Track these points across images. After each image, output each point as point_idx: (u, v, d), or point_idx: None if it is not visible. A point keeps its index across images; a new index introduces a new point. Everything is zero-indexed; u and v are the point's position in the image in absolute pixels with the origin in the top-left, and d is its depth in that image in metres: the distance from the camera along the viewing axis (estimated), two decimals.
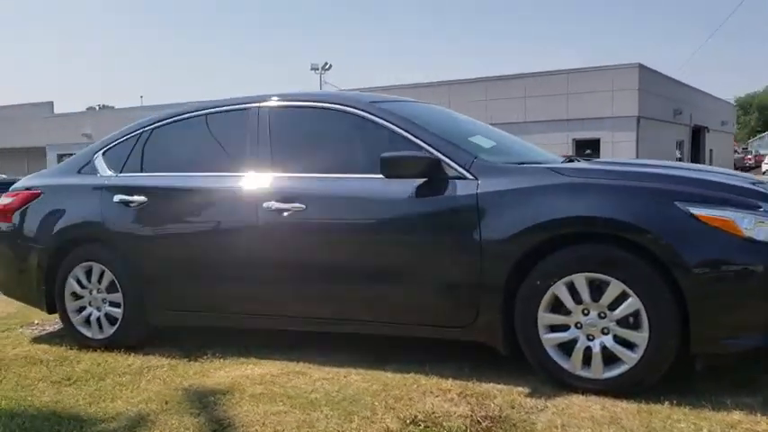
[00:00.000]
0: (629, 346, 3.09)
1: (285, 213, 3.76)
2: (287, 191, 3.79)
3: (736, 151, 51.44)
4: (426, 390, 3.33)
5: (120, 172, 4.41)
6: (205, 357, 4.06)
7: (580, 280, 3.15)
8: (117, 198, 4.27)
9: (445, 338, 3.61)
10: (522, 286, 3.27)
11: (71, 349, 4.41)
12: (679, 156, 29.36)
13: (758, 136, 68.79)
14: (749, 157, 52.33)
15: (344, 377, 3.59)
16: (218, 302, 4.07)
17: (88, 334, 4.43)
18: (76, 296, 4.46)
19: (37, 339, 4.81)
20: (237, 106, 4.23)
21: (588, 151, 23.64)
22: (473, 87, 27.28)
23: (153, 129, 4.44)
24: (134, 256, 4.20)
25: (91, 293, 4.41)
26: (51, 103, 41.37)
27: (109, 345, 4.33)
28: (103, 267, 4.32)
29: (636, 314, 3.07)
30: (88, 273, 4.40)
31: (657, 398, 3.06)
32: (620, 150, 23.65)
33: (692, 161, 29.14)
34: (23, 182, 4.91)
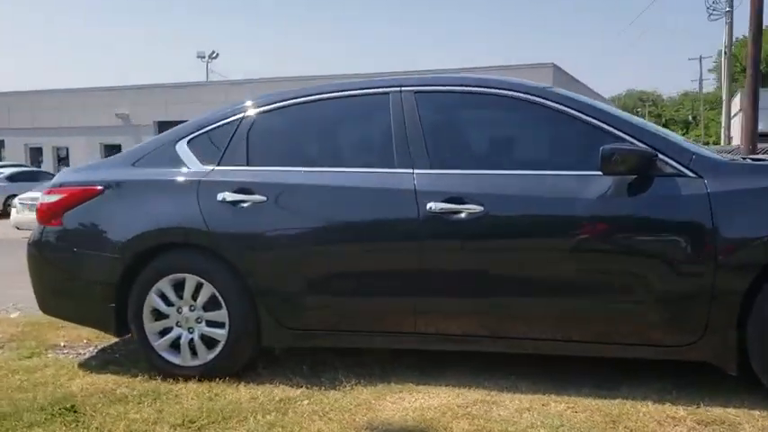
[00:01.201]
0: None
1: (456, 216, 3.21)
2: (458, 190, 3.24)
3: None
4: (657, 418, 2.93)
5: (218, 165, 3.66)
6: (339, 384, 3.45)
7: None
8: (222, 196, 3.53)
9: (656, 358, 3.22)
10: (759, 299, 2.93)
11: (152, 379, 3.62)
12: None
13: None
14: None
15: (543, 405, 3.11)
16: (360, 320, 3.46)
17: (175, 360, 3.66)
18: (159, 315, 3.67)
19: (86, 367, 3.95)
20: (373, 90, 3.60)
21: None
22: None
23: (257, 115, 3.71)
24: (247, 266, 3.48)
25: (180, 312, 3.64)
26: None
27: (204, 373, 3.59)
28: (201, 280, 3.56)
29: None
30: (177, 286, 3.63)
31: None
32: None
33: None
34: (69, 176, 4.02)
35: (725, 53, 32.42)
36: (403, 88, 3.50)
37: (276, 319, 3.49)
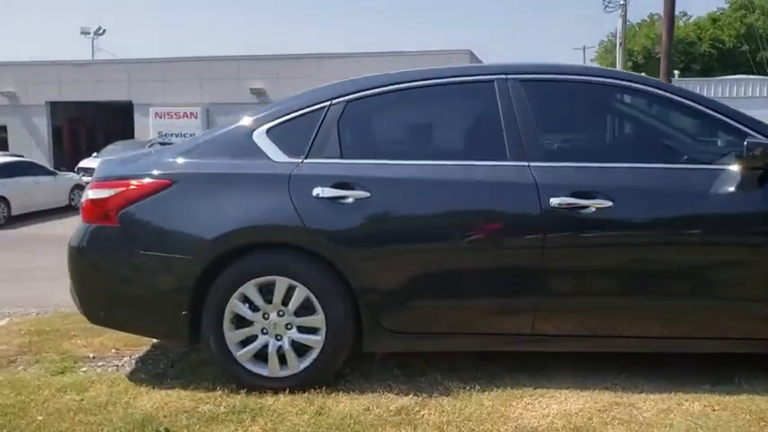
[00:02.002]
0: None
1: (582, 211, 3.09)
2: (584, 184, 3.11)
3: None
4: None
5: (307, 157, 3.33)
6: (446, 389, 3.25)
7: None
8: (319, 191, 3.21)
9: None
10: None
11: (233, 394, 3.27)
12: None
13: None
14: None
15: (679, 405, 3.04)
16: (474, 322, 3.26)
17: (262, 372, 3.32)
18: (241, 322, 3.32)
19: (142, 381, 3.53)
20: (476, 77, 3.39)
21: None
22: (302, 64, 26.42)
23: (347, 103, 3.40)
24: (350, 267, 3.19)
25: (266, 318, 3.30)
26: None
27: (296, 385, 3.29)
28: (294, 282, 3.24)
29: None
30: (264, 290, 3.29)
31: None
32: None
33: None
34: (122, 167, 3.53)
35: (619, 44, 33.88)
36: (509, 76, 3.32)
37: (380, 322, 3.24)
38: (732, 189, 3.05)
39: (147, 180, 3.35)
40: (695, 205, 3.09)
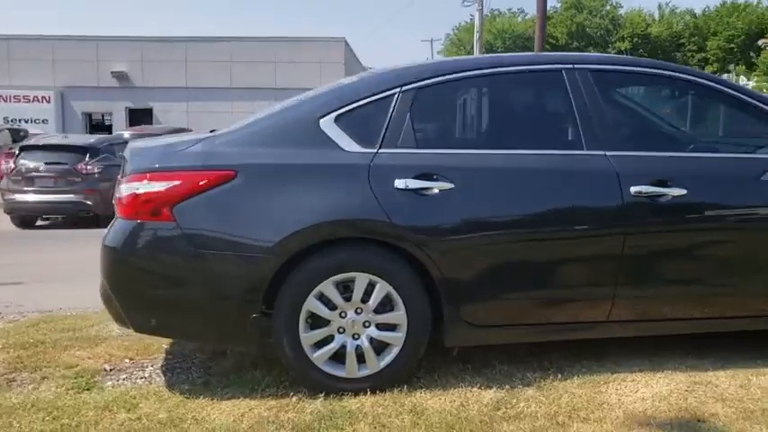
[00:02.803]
0: None
1: (659, 200, 3.19)
2: (660, 172, 3.21)
3: None
4: None
5: (381, 147, 3.16)
6: (526, 380, 3.26)
7: None
8: (402, 183, 3.07)
9: None
10: None
11: (309, 399, 3.07)
12: None
13: None
14: None
15: (749, 380, 3.23)
16: (555, 312, 3.27)
17: (339, 373, 3.13)
18: (317, 323, 3.12)
19: (192, 393, 3.21)
20: (545, 66, 3.38)
21: None
22: (170, 48, 25.13)
23: (417, 90, 3.25)
24: (434, 260, 3.07)
25: (343, 316, 3.12)
26: None
27: (376, 384, 3.14)
28: (374, 278, 3.07)
29: None
30: (343, 288, 3.10)
31: None
32: None
33: None
34: (173, 158, 3.14)
35: (477, 38, 35.23)
36: (576, 66, 3.35)
37: (462, 316, 3.16)
38: None
39: (206, 172, 3.04)
40: (759, 192, 3.28)
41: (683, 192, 3.18)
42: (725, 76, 38.10)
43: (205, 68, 24.71)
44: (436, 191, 3.08)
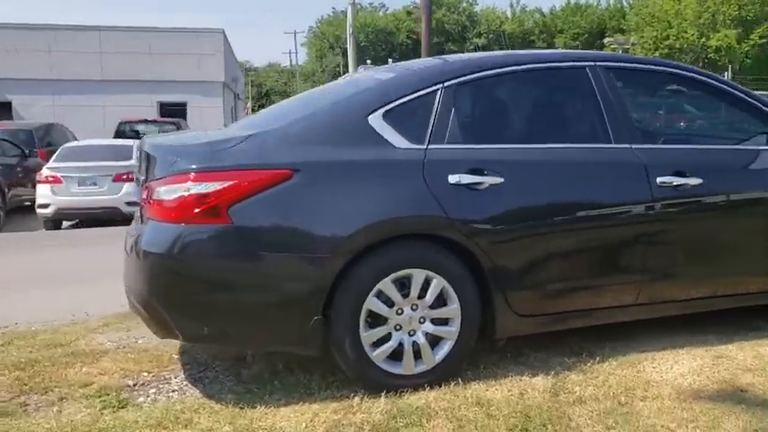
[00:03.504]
0: None
1: (681, 189, 3.43)
2: (682, 163, 3.45)
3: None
4: None
5: (431, 143, 3.17)
6: (565, 364, 3.39)
7: None
8: (456, 179, 3.10)
9: None
10: None
11: (369, 399, 3.03)
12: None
13: None
14: None
15: (759, 348, 3.56)
16: (595, 298, 3.42)
17: (397, 370, 3.11)
18: (375, 321, 3.08)
19: (232, 402, 3.07)
20: (573, 63, 3.52)
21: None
22: (33, 36, 23.25)
23: (458, 86, 3.27)
24: (486, 254, 3.13)
25: (399, 313, 3.11)
26: None
27: (433, 379, 3.16)
28: (431, 274, 3.09)
29: None
30: (401, 285, 3.09)
31: None
32: (208, 116, 23.53)
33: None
34: (223, 156, 2.96)
35: (350, 32, 35.43)
36: (597, 63, 3.52)
37: (513, 308, 3.24)
38: None
39: (264, 170, 2.92)
40: (763, 179, 3.61)
41: (701, 181, 3.44)
42: None
43: (72, 59, 23.12)
44: (487, 185, 3.13)
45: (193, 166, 2.92)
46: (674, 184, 3.40)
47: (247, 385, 3.29)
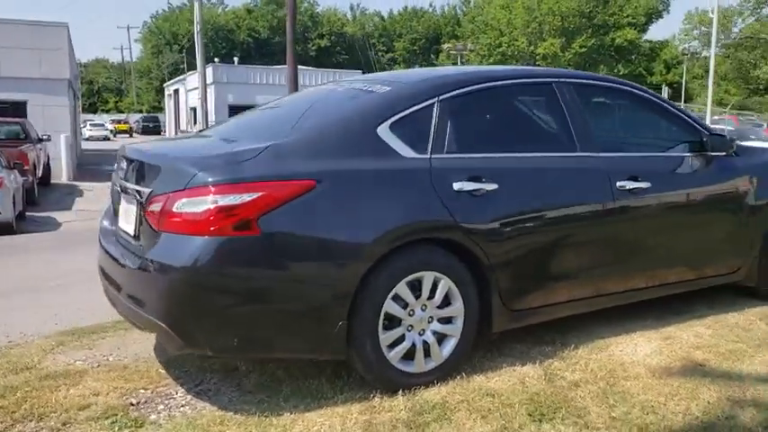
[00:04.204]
0: None
1: (635, 192, 3.88)
2: (634, 170, 3.90)
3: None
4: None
5: (432, 153, 3.35)
6: (542, 355, 3.72)
7: None
8: (459, 186, 3.31)
9: (717, 284, 4.49)
10: None
11: (389, 396, 3.19)
12: None
13: None
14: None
15: (718, 324, 4.14)
16: (572, 291, 3.77)
17: (409, 369, 3.28)
18: (391, 323, 3.22)
19: (251, 413, 3.10)
20: (540, 79, 3.86)
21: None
22: None
23: (451, 98, 3.48)
24: (487, 255, 3.37)
25: (411, 314, 3.28)
26: None
27: (441, 375, 3.36)
28: (438, 275, 3.28)
29: None
30: (413, 287, 3.26)
31: None
32: (52, 116, 21.85)
33: None
34: (251, 167, 2.97)
35: (198, 29, 34.45)
36: (561, 79, 3.89)
37: (506, 304, 3.51)
38: (706, 167, 4.21)
39: (291, 181, 2.97)
40: (697, 179, 4.17)
41: (649, 185, 3.91)
42: None
43: None
44: (484, 191, 3.38)
45: (219, 178, 2.91)
46: (629, 188, 3.84)
47: (254, 395, 3.30)
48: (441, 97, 3.47)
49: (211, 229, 2.85)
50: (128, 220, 3.40)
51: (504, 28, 52.95)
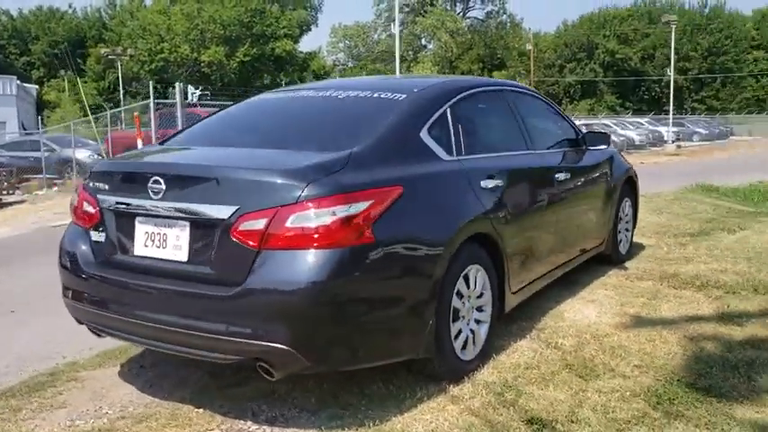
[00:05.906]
0: None
1: (560, 181, 4.60)
2: (560, 163, 4.63)
3: None
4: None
5: (456, 154, 3.60)
6: (520, 328, 4.22)
7: None
8: (484, 183, 3.63)
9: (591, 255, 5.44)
10: None
11: (425, 383, 3.35)
12: None
13: None
14: None
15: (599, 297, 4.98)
16: (546, 266, 4.37)
17: (465, 357, 3.51)
18: (456, 316, 3.41)
19: (297, 425, 3.07)
20: (494, 87, 4.42)
21: None
22: None
23: (456, 103, 3.77)
24: (506, 245, 3.74)
25: (465, 305, 3.50)
26: None
27: (483, 360, 3.65)
28: (478, 267, 3.56)
29: None
30: (466, 280, 3.48)
31: None
32: None
33: None
34: (355, 175, 2.95)
35: None
36: (506, 88, 4.49)
37: (511, 287, 3.92)
38: (584, 156, 5.12)
39: (390, 188, 3.01)
40: (583, 169, 5.04)
41: (568, 175, 4.68)
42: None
43: None
44: (499, 186, 3.76)
45: (331, 189, 2.81)
46: (560, 179, 4.55)
47: (324, 411, 3.17)
48: (451, 101, 3.74)
49: (335, 240, 2.76)
50: (162, 245, 3.02)
51: (164, 33, 51.31)
